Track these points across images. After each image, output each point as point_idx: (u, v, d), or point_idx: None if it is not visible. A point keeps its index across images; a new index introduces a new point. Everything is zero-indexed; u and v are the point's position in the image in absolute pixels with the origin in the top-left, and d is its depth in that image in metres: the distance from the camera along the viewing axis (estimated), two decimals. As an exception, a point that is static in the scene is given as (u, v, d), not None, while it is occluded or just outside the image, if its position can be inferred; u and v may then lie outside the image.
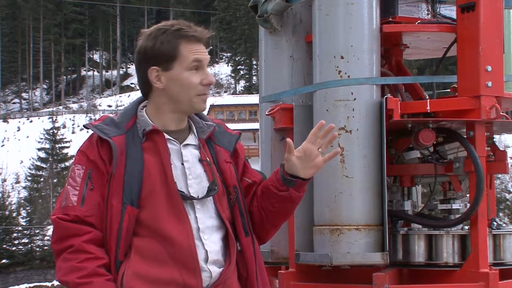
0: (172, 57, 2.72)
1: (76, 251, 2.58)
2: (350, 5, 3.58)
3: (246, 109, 69.67)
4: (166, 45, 2.71)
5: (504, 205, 40.04)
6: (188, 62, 2.72)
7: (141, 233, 2.66)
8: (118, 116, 2.79)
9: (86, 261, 2.57)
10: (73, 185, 2.66)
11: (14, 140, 77.49)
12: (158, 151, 2.72)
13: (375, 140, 3.55)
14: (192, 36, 2.73)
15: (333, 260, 3.49)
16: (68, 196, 2.66)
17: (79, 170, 2.68)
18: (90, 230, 2.62)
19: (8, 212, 51.62)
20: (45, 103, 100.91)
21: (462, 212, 3.67)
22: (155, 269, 2.63)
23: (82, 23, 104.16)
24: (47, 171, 59.14)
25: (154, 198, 2.67)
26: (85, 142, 2.75)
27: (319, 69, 3.66)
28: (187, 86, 2.74)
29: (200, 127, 2.89)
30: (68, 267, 2.57)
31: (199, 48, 2.74)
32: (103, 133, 2.69)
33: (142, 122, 2.75)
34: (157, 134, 2.74)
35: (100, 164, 2.68)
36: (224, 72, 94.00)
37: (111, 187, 2.66)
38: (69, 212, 2.62)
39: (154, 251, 2.64)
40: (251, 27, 79.94)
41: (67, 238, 2.60)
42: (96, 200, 2.65)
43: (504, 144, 39.00)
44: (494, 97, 3.52)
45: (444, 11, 3.90)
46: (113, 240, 2.63)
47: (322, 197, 3.58)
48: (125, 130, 2.72)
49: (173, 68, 2.73)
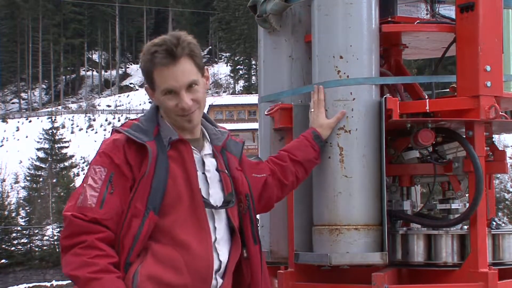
0: (151, 82, 2.77)
1: (87, 247, 2.57)
2: (349, 5, 3.58)
3: (245, 109, 69.68)
4: (146, 70, 2.76)
5: (503, 205, 40.05)
6: (161, 90, 2.74)
7: (160, 239, 2.66)
8: (141, 122, 2.78)
9: (98, 257, 2.57)
10: (93, 186, 2.64)
11: (13, 140, 77.46)
12: (183, 161, 2.73)
13: (374, 140, 3.55)
14: (162, 64, 2.71)
15: (332, 260, 3.49)
16: (85, 196, 2.63)
17: (100, 172, 2.66)
18: (104, 230, 2.62)
19: (7, 212, 51.61)
20: (44, 103, 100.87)
21: (461, 212, 3.67)
22: (169, 274, 2.64)
23: (81, 23, 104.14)
24: (46, 171, 59.11)
25: (178, 207, 2.68)
26: (109, 144, 2.71)
27: (318, 69, 3.66)
28: (166, 109, 2.78)
29: (214, 134, 2.90)
30: (79, 261, 2.56)
31: (171, 74, 2.71)
32: (138, 138, 2.69)
33: (167, 131, 2.76)
34: (183, 144, 2.76)
35: (125, 168, 2.66)
36: (223, 72, 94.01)
37: (138, 190, 2.65)
38: (87, 213, 2.61)
39: (171, 257, 2.65)
40: (250, 27, 79.98)
41: (79, 235, 2.59)
42: (115, 204, 2.64)
43: (503, 144, 39.06)
44: (493, 97, 3.51)
45: (443, 11, 3.89)
46: (128, 241, 2.63)
47: (321, 197, 3.58)
48: (153, 136, 2.73)
49: (155, 89, 2.77)
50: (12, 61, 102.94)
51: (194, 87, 2.77)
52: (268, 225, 3.95)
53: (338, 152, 3.53)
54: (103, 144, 2.74)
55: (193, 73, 2.76)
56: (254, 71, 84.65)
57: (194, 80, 2.76)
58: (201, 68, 2.81)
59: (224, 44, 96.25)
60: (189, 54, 2.74)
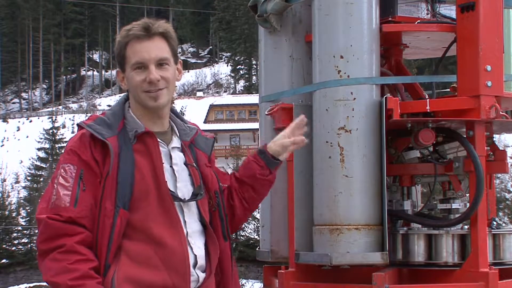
0: (123, 59, 2.75)
1: (67, 252, 2.54)
2: (350, 4, 3.58)
3: (246, 109, 69.62)
4: (119, 48, 2.75)
5: (504, 204, 40.01)
6: (132, 63, 2.73)
7: (132, 236, 2.64)
8: (107, 116, 2.76)
9: (78, 262, 2.53)
10: (64, 185, 2.62)
11: (14, 140, 77.44)
12: (149, 154, 2.70)
13: (375, 140, 3.55)
14: (135, 36, 2.72)
15: (333, 260, 3.49)
16: (58, 196, 2.61)
17: (70, 170, 2.63)
18: (82, 231, 2.58)
19: (8, 212, 51.57)
20: (44, 103, 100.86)
21: (461, 211, 3.67)
22: (146, 273, 2.61)
23: (82, 23, 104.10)
24: (47, 171, 59.08)
25: (147, 201, 2.65)
26: (75, 141, 2.69)
27: (319, 69, 3.66)
28: (133, 86, 2.75)
29: (183, 129, 2.88)
30: (59, 267, 2.53)
31: (144, 47, 2.72)
32: (99, 134, 2.67)
33: (132, 124, 2.74)
34: (149, 137, 2.72)
35: (93, 164, 2.64)
36: (224, 72, 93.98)
37: (105, 189, 2.63)
38: (62, 213, 2.58)
39: (145, 255, 2.62)
40: (250, 26, 79.90)
41: (57, 238, 2.56)
42: (89, 201, 2.61)
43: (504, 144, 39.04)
44: (494, 97, 3.52)
45: (444, 10, 3.90)
46: (104, 243, 2.60)
47: (322, 197, 3.58)
48: (117, 131, 2.70)
49: (126, 69, 2.76)
50: (13, 61, 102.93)
51: (164, 66, 2.74)
52: (268, 225, 3.95)
53: (338, 152, 3.53)
54: (71, 141, 2.72)
55: (165, 51, 2.75)
56: (254, 71, 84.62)
57: (166, 58, 2.75)
58: (175, 55, 2.80)
59: (225, 44, 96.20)
60: (165, 34, 2.76)
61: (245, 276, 43.45)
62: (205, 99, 74.62)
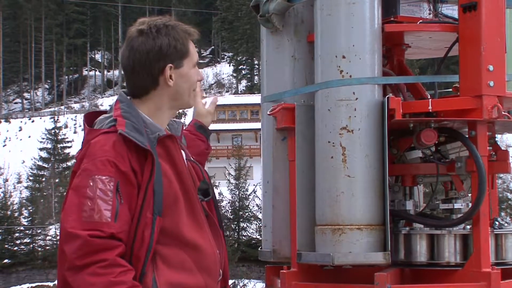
0: (184, 54, 2.74)
1: (110, 266, 2.45)
2: (352, 4, 3.58)
3: (248, 109, 69.66)
4: (180, 42, 2.72)
5: (506, 204, 40.03)
6: (195, 60, 2.78)
7: (164, 241, 2.60)
8: (131, 119, 2.64)
9: (123, 274, 2.47)
10: (104, 199, 2.49)
11: (16, 140, 77.54)
12: (171, 157, 2.66)
13: (377, 140, 3.55)
14: (195, 34, 2.80)
15: (335, 260, 3.49)
16: (99, 210, 2.48)
17: (109, 182, 2.51)
18: (120, 244, 2.51)
19: (10, 212, 51.65)
20: (46, 103, 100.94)
21: (464, 211, 3.67)
22: (184, 277, 2.60)
23: (84, 23, 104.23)
24: (49, 171, 59.16)
25: (176, 206, 2.63)
26: (109, 150, 2.55)
27: (321, 69, 3.66)
28: (192, 82, 2.78)
29: (171, 124, 2.86)
30: (104, 282, 2.43)
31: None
32: (140, 142, 2.57)
33: (151, 127, 2.67)
34: (170, 139, 2.68)
35: (131, 175, 2.55)
36: (226, 72, 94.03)
37: (146, 198, 2.55)
38: (104, 228, 2.47)
39: (180, 259, 2.61)
40: (252, 26, 79.96)
41: (98, 253, 2.46)
42: (127, 215, 2.53)
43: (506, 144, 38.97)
44: (496, 97, 3.51)
45: (446, 10, 3.89)
46: (143, 252, 2.54)
47: (324, 197, 3.58)
48: (146, 136, 2.62)
49: (183, 65, 2.75)
50: (15, 61, 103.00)
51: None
52: (270, 225, 3.95)
53: (340, 152, 3.53)
54: (100, 149, 2.56)
55: None
56: (256, 71, 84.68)
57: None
58: None
59: (227, 44, 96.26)
60: None
61: (247, 276, 43.48)
62: (206, 99, 74.53)
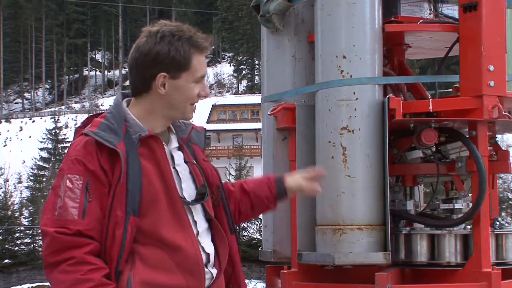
0: (184, 67, 2.68)
1: (77, 263, 2.49)
2: (352, 4, 3.58)
3: (248, 109, 69.61)
4: (180, 54, 2.67)
5: (507, 204, 40.01)
6: (197, 76, 2.70)
7: (143, 241, 2.61)
8: (109, 120, 2.67)
9: (91, 272, 2.49)
10: (71, 196, 2.54)
11: (17, 140, 77.53)
12: (155, 157, 2.66)
13: (377, 140, 3.55)
14: (204, 48, 2.71)
15: (335, 260, 3.49)
16: (66, 208, 2.54)
17: (77, 181, 2.55)
18: (90, 242, 2.54)
19: (11, 212, 51.65)
20: (47, 103, 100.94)
21: (464, 211, 3.67)
22: (162, 276, 2.60)
23: (84, 23, 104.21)
24: (50, 171, 59.13)
25: (155, 206, 2.62)
26: (80, 150, 2.60)
27: (321, 69, 3.66)
28: (188, 97, 2.72)
29: (178, 126, 2.85)
30: (72, 279, 2.48)
31: (205, 61, 2.73)
32: (108, 142, 2.59)
33: (135, 127, 2.67)
34: (153, 140, 2.68)
35: (101, 174, 2.57)
36: (226, 72, 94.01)
37: (116, 197, 2.57)
38: (70, 226, 2.52)
39: (159, 258, 2.61)
40: (253, 27, 79.92)
41: (66, 250, 2.50)
42: (96, 212, 2.56)
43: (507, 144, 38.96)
44: (497, 97, 3.51)
45: (446, 10, 3.90)
46: (115, 250, 2.56)
47: (324, 197, 3.58)
48: (122, 136, 2.64)
49: (181, 77, 2.69)
50: (15, 61, 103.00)
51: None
52: (271, 225, 3.96)
53: (341, 152, 3.54)
54: (74, 149, 2.61)
55: None
56: (257, 71, 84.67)
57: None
58: None
59: (227, 44, 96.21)
60: None
61: (247, 276, 43.44)
62: (208, 99, 74.39)
